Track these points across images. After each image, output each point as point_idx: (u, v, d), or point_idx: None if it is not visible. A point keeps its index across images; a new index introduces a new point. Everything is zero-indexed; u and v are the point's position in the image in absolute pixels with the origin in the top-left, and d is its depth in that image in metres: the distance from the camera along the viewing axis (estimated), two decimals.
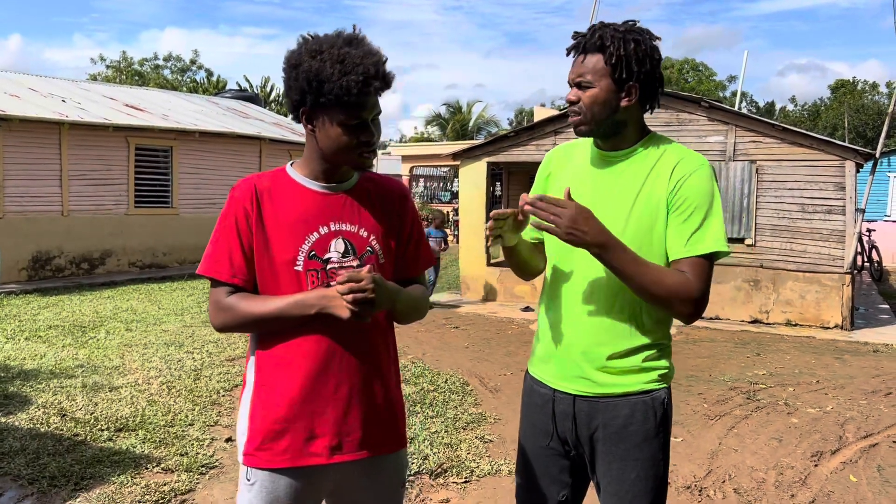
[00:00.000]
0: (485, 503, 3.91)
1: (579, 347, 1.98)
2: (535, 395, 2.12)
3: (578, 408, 2.00)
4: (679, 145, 2.01)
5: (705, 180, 1.91)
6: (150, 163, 14.10)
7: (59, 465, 4.20)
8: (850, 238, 9.14)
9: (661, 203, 1.91)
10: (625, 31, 1.91)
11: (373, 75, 1.76)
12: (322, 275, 1.90)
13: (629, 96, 1.91)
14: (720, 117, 9.64)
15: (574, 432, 2.03)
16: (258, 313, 1.88)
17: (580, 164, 2.08)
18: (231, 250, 1.91)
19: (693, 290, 1.85)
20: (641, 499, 1.98)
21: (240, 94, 22.23)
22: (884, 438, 5.11)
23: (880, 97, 47.75)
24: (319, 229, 1.91)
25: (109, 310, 9.59)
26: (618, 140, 1.98)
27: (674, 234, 1.90)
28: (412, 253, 2.04)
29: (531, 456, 2.13)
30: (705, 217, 1.88)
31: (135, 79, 42.57)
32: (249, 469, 1.93)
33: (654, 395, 1.97)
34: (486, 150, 10.95)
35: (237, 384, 6.10)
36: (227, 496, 3.92)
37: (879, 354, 8.03)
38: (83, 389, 5.75)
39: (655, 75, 1.94)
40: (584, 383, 1.98)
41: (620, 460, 1.97)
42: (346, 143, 1.84)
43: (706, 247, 1.87)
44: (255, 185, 1.94)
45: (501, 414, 5.47)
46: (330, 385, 1.90)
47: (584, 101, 1.92)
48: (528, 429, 2.15)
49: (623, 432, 1.96)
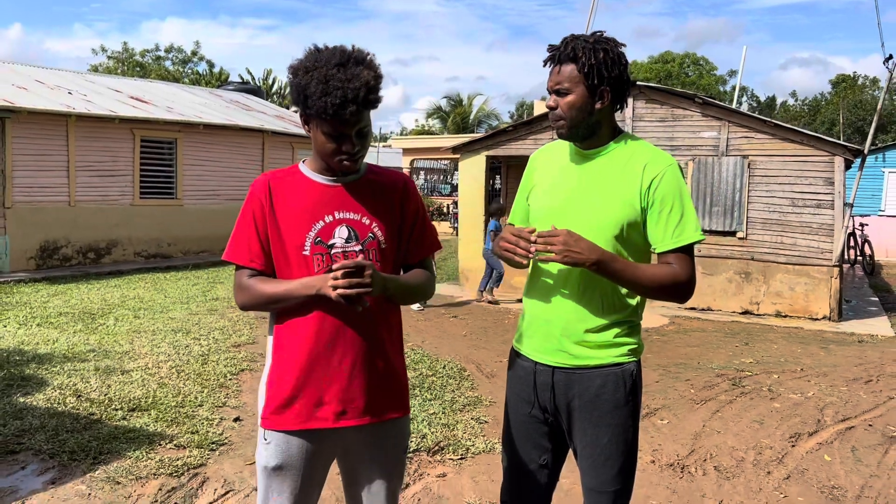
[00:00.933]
0: (479, 478, 4.16)
1: (559, 324, 2.22)
2: (519, 367, 2.35)
3: (557, 378, 2.23)
4: (646, 143, 2.25)
5: (676, 178, 2.16)
6: (155, 154, 14.34)
7: (78, 441, 4.46)
8: (839, 232, 9.38)
9: (634, 198, 2.15)
10: (594, 41, 2.13)
11: (350, 100, 1.95)
12: (327, 258, 2.13)
13: (602, 99, 2.14)
14: (714, 113, 9.87)
15: (552, 401, 2.26)
16: (270, 293, 2.13)
17: (562, 162, 2.32)
18: (249, 238, 2.16)
19: (682, 278, 2.13)
20: (614, 461, 2.22)
21: (242, 87, 22.43)
22: (860, 422, 5.36)
23: (880, 92, 47.86)
24: (325, 218, 2.15)
25: (117, 298, 9.85)
26: (594, 140, 2.22)
27: (657, 229, 2.15)
28: (416, 239, 2.27)
29: (515, 423, 2.36)
30: (682, 212, 2.14)
31: (136, 70, 42.68)
32: (266, 431, 2.18)
33: (624, 367, 2.21)
34: (485, 143, 11.18)
35: (243, 368, 6.36)
36: (237, 470, 4.18)
37: (864, 344, 8.29)
38: (96, 372, 6.00)
39: (623, 78, 2.17)
40: (563, 356, 2.22)
41: (594, 426, 2.21)
42: (329, 150, 2.07)
43: (687, 237, 2.15)
44: (269, 181, 2.18)
45: (496, 397, 5.72)
46: (335, 357, 2.14)
47: (562, 106, 2.16)
48: (512, 398, 2.38)
49: (596, 401, 2.19)
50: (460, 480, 4.12)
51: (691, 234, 2.15)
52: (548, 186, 2.32)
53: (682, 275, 2.14)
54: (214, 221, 15.43)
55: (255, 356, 6.81)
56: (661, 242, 2.16)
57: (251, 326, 8.18)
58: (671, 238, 2.15)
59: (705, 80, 51.61)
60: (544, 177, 2.35)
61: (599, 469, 2.22)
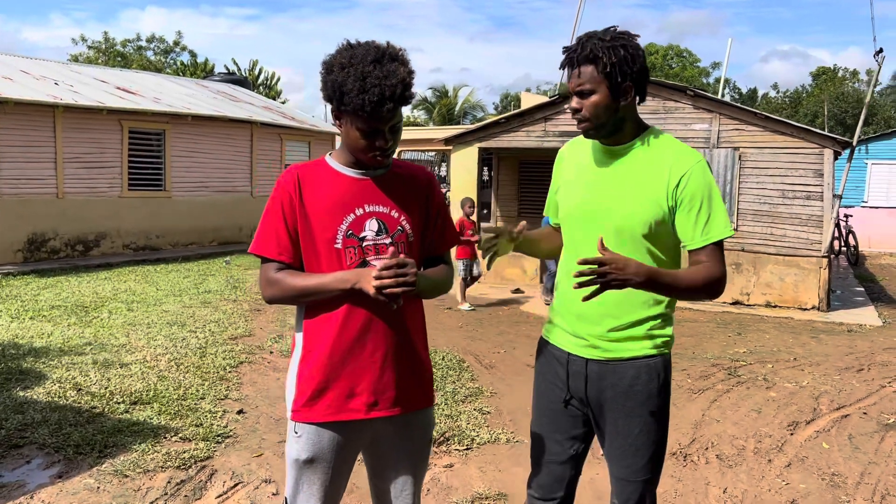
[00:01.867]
0: (485, 468, 4.20)
1: (593, 319, 2.23)
2: (550, 357, 2.37)
3: (590, 369, 2.26)
4: (671, 138, 2.25)
5: (705, 174, 2.17)
6: (143, 146, 14.23)
7: (82, 435, 4.44)
8: (828, 223, 9.50)
9: (661, 197, 2.16)
10: (611, 38, 2.12)
11: (388, 97, 1.97)
12: (359, 251, 2.15)
13: (626, 96, 2.15)
14: (705, 105, 9.94)
15: (585, 391, 2.28)
16: (301, 287, 2.14)
17: (588, 158, 2.33)
18: (277, 231, 2.16)
19: (716, 275, 2.15)
20: (644, 451, 2.25)
21: (229, 78, 22.27)
22: (855, 410, 5.46)
23: (860, 84, 48.34)
24: (355, 210, 2.16)
25: (108, 291, 9.78)
26: (619, 136, 2.23)
27: (687, 227, 2.16)
28: (439, 233, 2.29)
29: (546, 413, 2.38)
30: (711, 208, 2.15)
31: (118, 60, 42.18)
32: (297, 424, 2.20)
33: (657, 359, 2.24)
34: (477, 135, 11.19)
35: (242, 361, 6.35)
36: (244, 462, 4.19)
37: (853, 334, 8.42)
38: (94, 366, 5.97)
39: (644, 70, 2.17)
40: (596, 351, 2.24)
41: (626, 417, 2.23)
42: (362, 146, 2.08)
43: (718, 234, 2.15)
44: (298, 174, 2.18)
45: (497, 388, 5.77)
46: (367, 349, 2.15)
47: (586, 107, 2.16)
48: (543, 388, 2.40)
49: (629, 391, 2.22)
50: (468, 471, 4.16)
51: (721, 230, 2.16)
52: (574, 184, 2.33)
53: (716, 272, 2.15)
54: (203, 213, 15.36)
55: (253, 349, 6.81)
56: (691, 240, 2.17)
57: (246, 319, 8.17)
58: (701, 236, 2.15)
59: (688, 72, 51.88)
60: (571, 173, 2.37)
61: (630, 459, 2.25)
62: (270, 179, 17.27)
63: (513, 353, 7.04)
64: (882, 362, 7.01)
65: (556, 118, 10.46)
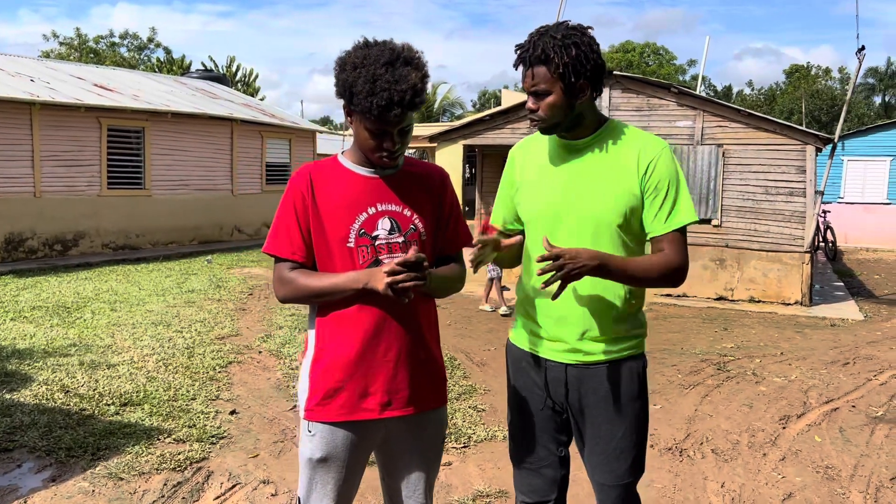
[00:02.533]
0: (484, 465, 4.19)
1: (568, 322, 2.19)
2: (525, 364, 2.31)
3: (570, 374, 2.21)
4: (636, 129, 2.22)
5: (670, 162, 2.15)
6: (122, 144, 14.03)
7: (73, 438, 4.36)
8: (810, 219, 9.62)
9: (634, 186, 2.13)
10: (562, 37, 2.05)
11: (396, 102, 1.94)
12: (372, 250, 2.13)
13: (582, 93, 2.10)
14: (689, 102, 10.02)
15: (566, 397, 2.24)
16: (314, 287, 2.11)
17: (547, 155, 2.27)
18: (290, 231, 2.13)
19: (675, 263, 2.12)
20: (627, 454, 2.22)
21: (207, 75, 22.04)
22: (844, 403, 5.53)
23: (833, 82, 49.05)
24: (368, 209, 2.13)
25: (90, 291, 9.63)
26: (579, 130, 2.18)
27: (651, 213, 2.14)
28: (451, 232, 2.27)
29: (530, 419, 2.32)
30: (676, 195, 2.13)
31: (90, 57, 41.60)
32: (311, 423, 2.17)
33: (636, 359, 2.22)
34: (462, 132, 11.19)
35: (231, 361, 6.28)
36: (240, 463, 4.14)
37: (836, 328, 8.53)
38: (81, 367, 5.88)
39: (602, 66, 2.11)
40: (575, 355, 2.20)
41: (609, 421, 2.20)
42: (370, 146, 2.06)
43: (681, 220, 2.13)
44: (310, 173, 2.16)
45: (490, 386, 5.76)
46: (380, 349, 2.13)
47: (542, 108, 2.11)
48: (522, 395, 2.33)
49: (611, 395, 2.18)
50: (466, 468, 4.15)
51: (685, 216, 2.14)
52: (537, 185, 2.26)
53: (675, 259, 2.13)
54: (184, 212, 15.20)
55: (242, 349, 6.74)
56: (654, 226, 2.14)
57: (232, 319, 8.08)
58: (664, 222, 2.13)
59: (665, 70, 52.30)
60: (529, 174, 2.30)
61: (613, 463, 2.22)
62: (251, 177, 17.15)
63: (503, 350, 7.01)
64: (866, 356, 7.11)
65: None
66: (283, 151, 18.27)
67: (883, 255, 17.64)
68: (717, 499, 3.83)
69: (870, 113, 42.91)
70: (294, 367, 6.12)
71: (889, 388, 5.98)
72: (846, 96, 9.97)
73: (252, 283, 10.68)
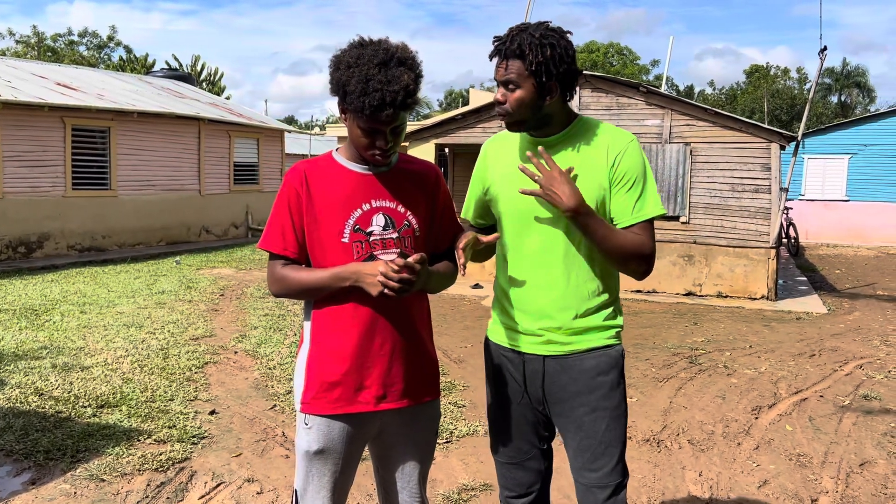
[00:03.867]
0: (467, 459, 4.24)
1: (545, 314, 2.19)
2: (502, 359, 2.31)
3: (548, 366, 2.20)
4: (605, 124, 2.23)
5: (638, 154, 2.16)
6: (87, 144, 13.79)
7: (51, 440, 4.31)
8: (775, 215, 9.85)
9: (602, 180, 2.14)
10: (540, 36, 2.07)
11: (388, 103, 1.97)
12: (366, 246, 2.16)
13: (551, 93, 2.10)
14: (657, 102, 10.18)
15: (542, 390, 2.22)
16: (304, 283, 2.14)
17: (518, 151, 2.27)
18: (283, 227, 2.16)
19: (647, 247, 2.13)
20: (613, 449, 2.18)
21: (172, 74, 21.75)
22: (812, 394, 5.69)
23: (791, 82, 50.12)
24: (362, 206, 2.16)
25: (57, 293, 9.47)
26: (547, 129, 2.19)
27: (619, 204, 2.14)
28: (445, 228, 2.31)
29: (508, 415, 2.31)
30: (643, 186, 2.14)
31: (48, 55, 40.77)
32: (307, 416, 2.19)
33: (614, 348, 2.21)
34: (434, 131, 11.22)
35: (207, 362, 6.24)
36: (223, 462, 4.13)
37: (802, 321, 8.75)
38: (54, 370, 5.79)
39: (572, 70, 2.12)
40: (553, 346, 2.19)
41: (591, 412, 2.17)
42: (363, 144, 2.09)
43: (649, 211, 2.14)
44: (305, 170, 2.18)
45: (469, 382, 5.81)
46: (376, 343, 2.16)
47: (510, 101, 2.11)
48: (501, 390, 2.32)
49: (591, 384, 2.17)
50: (450, 463, 4.19)
51: (653, 208, 2.15)
52: (509, 179, 2.25)
53: (647, 245, 2.14)
54: (150, 213, 15.00)
55: (217, 349, 6.70)
56: (622, 217, 2.14)
57: (205, 319, 8.02)
58: (632, 213, 2.13)
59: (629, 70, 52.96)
60: (502, 170, 2.29)
61: (599, 461, 2.17)
62: (219, 177, 16.98)
63: (480, 347, 7.09)
64: (831, 348, 7.31)
65: None
66: (251, 151, 18.11)
67: (842, 250, 18.10)
68: (696, 487, 3.92)
69: (827, 112, 43.93)
70: (271, 367, 6.10)
71: (854, 378, 6.16)
72: (807, 95, 10.22)
73: (223, 284, 10.59)
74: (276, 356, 6.44)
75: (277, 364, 6.18)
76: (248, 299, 9.41)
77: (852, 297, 10.72)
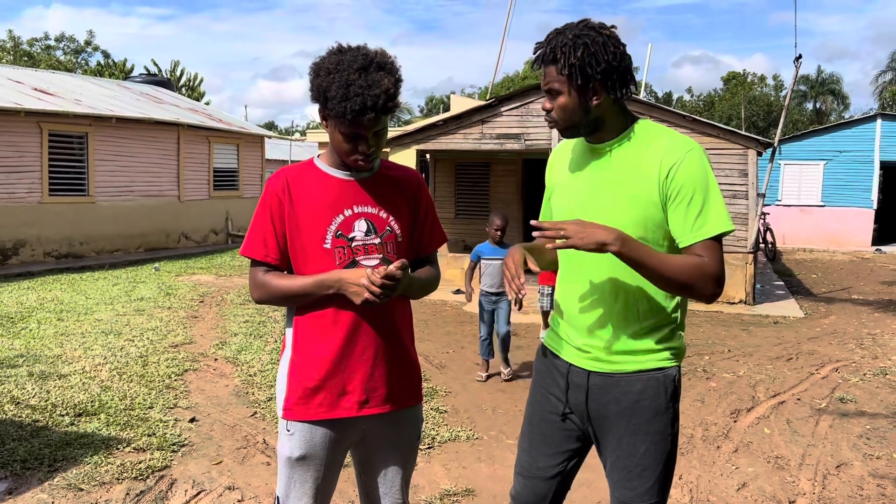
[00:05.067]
0: (449, 465, 4.24)
1: (591, 332, 2.08)
2: (550, 365, 2.22)
3: (592, 381, 2.09)
4: (666, 130, 2.06)
5: (697, 164, 1.96)
6: (64, 150, 13.65)
7: (28, 450, 4.25)
8: (753, 220, 9.96)
9: (653, 193, 1.97)
10: (574, 36, 1.96)
11: (369, 107, 1.98)
12: (349, 252, 2.16)
13: (596, 95, 1.98)
14: (636, 108, 10.25)
15: (585, 405, 2.11)
16: (285, 290, 2.15)
17: (575, 158, 2.18)
18: (265, 234, 2.16)
19: (711, 269, 1.91)
20: (651, 472, 2.05)
21: (151, 79, 21.59)
22: (790, 397, 5.76)
23: (767, 89, 50.74)
24: (344, 211, 2.17)
25: (33, 301, 9.35)
26: (602, 133, 2.05)
27: (678, 222, 1.95)
28: (427, 234, 2.32)
29: (538, 424, 2.23)
30: (704, 200, 1.93)
31: (24, 60, 40.30)
32: (289, 422, 2.19)
33: (666, 371, 2.05)
34: (415, 137, 11.23)
35: (187, 369, 6.19)
36: (204, 470, 4.10)
37: (779, 325, 8.86)
38: (31, 378, 5.72)
39: (617, 67, 1.97)
40: (599, 363, 2.08)
41: (631, 434, 2.05)
42: (345, 149, 2.10)
43: (712, 229, 1.93)
44: (287, 176, 2.19)
45: (451, 388, 5.82)
46: (358, 348, 2.17)
47: (555, 109, 2.03)
48: (538, 397, 2.25)
49: (635, 407, 2.03)
50: (432, 468, 4.19)
51: (715, 224, 1.93)
52: (565, 188, 2.18)
53: (712, 266, 1.91)
54: (129, 219, 14.86)
55: (197, 356, 6.65)
56: (682, 236, 1.96)
57: (185, 326, 7.96)
58: (691, 231, 1.94)
59: None
60: (561, 176, 2.23)
61: (635, 481, 2.07)
62: (198, 183, 16.87)
63: (462, 352, 7.11)
64: (808, 351, 7.41)
65: (492, 121, 10.60)
66: (230, 156, 18.02)
67: (819, 255, 18.34)
68: (676, 491, 3.95)
69: (803, 119, 44.52)
70: (252, 374, 6.06)
71: (830, 381, 6.25)
72: (784, 102, 10.36)
73: (203, 291, 10.51)
74: (257, 363, 6.40)
75: (258, 371, 6.15)
76: (229, 306, 9.35)
77: (828, 301, 10.86)
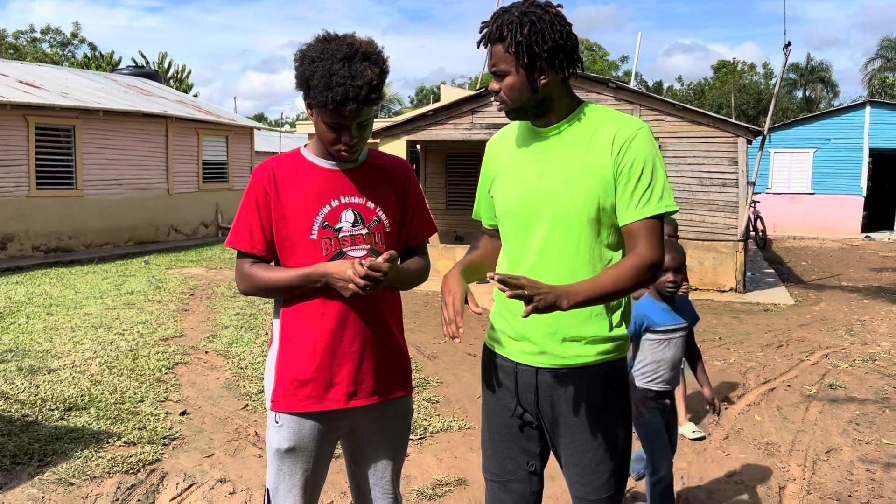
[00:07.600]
0: (441, 455, 4.24)
1: (542, 324, 1.99)
2: (497, 368, 2.13)
3: (541, 379, 2.02)
4: (615, 112, 2.03)
5: (648, 142, 1.93)
6: (51, 143, 13.55)
7: (17, 444, 4.23)
8: (743, 208, 9.99)
9: (607, 170, 1.93)
10: (520, 14, 1.91)
11: (351, 98, 1.95)
12: (335, 242, 2.15)
13: (543, 74, 1.92)
14: (626, 97, 10.26)
15: (536, 404, 2.05)
16: (271, 283, 2.13)
17: (518, 145, 2.10)
18: (251, 225, 2.14)
19: (647, 261, 1.90)
20: (605, 465, 2.02)
21: (138, 71, 21.41)
22: (780, 384, 5.79)
23: (758, 77, 50.82)
24: (331, 202, 2.15)
25: (22, 295, 9.29)
26: (550, 116, 2.00)
27: (623, 199, 1.92)
28: (416, 224, 2.31)
29: (498, 428, 2.15)
30: (653, 177, 1.91)
31: (10, 53, 39.92)
32: (277, 413, 2.18)
33: (614, 364, 2.02)
34: (405, 128, 11.19)
35: (178, 362, 6.17)
36: (195, 463, 4.09)
37: (770, 313, 8.90)
38: (20, 372, 5.68)
39: (564, 45, 1.92)
40: (548, 358, 2.01)
41: (583, 430, 2.01)
42: (329, 139, 2.08)
43: (656, 208, 1.91)
44: (273, 167, 2.16)
45: (442, 378, 5.82)
46: (346, 340, 2.15)
47: (503, 89, 1.97)
48: (491, 402, 2.17)
49: (585, 402, 1.99)
50: (424, 459, 4.19)
51: (658, 203, 1.92)
52: (508, 176, 2.09)
53: (647, 255, 1.90)
54: (118, 212, 14.78)
55: (188, 349, 6.62)
56: (625, 212, 1.93)
57: (175, 320, 7.92)
58: (636, 208, 1.91)
59: (598, 66, 53.24)
60: (502, 164, 2.13)
61: (590, 476, 2.03)
62: (188, 176, 16.78)
63: (453, 342, 7.09)
64: (798, 338, 7.44)
65: (482, 111, 10.57)
66: (220, 149, 17.92)
67: (808, 242, 18.42)
68: None
69: (792, 107, 44.61)
70: (243, 366, 6.05)
71: (820, 368, 6.28)
72: (773, 90, 10.38)
73: (193, 284, 10.47)
74: (248, 355, 6.38)
75: (249, 363, 6.13)
76: (219, 299, 9.31)
77: (818, 289, 10.91)
